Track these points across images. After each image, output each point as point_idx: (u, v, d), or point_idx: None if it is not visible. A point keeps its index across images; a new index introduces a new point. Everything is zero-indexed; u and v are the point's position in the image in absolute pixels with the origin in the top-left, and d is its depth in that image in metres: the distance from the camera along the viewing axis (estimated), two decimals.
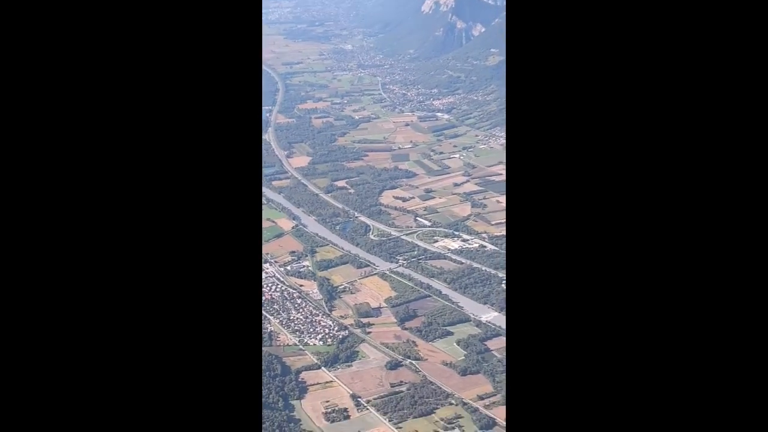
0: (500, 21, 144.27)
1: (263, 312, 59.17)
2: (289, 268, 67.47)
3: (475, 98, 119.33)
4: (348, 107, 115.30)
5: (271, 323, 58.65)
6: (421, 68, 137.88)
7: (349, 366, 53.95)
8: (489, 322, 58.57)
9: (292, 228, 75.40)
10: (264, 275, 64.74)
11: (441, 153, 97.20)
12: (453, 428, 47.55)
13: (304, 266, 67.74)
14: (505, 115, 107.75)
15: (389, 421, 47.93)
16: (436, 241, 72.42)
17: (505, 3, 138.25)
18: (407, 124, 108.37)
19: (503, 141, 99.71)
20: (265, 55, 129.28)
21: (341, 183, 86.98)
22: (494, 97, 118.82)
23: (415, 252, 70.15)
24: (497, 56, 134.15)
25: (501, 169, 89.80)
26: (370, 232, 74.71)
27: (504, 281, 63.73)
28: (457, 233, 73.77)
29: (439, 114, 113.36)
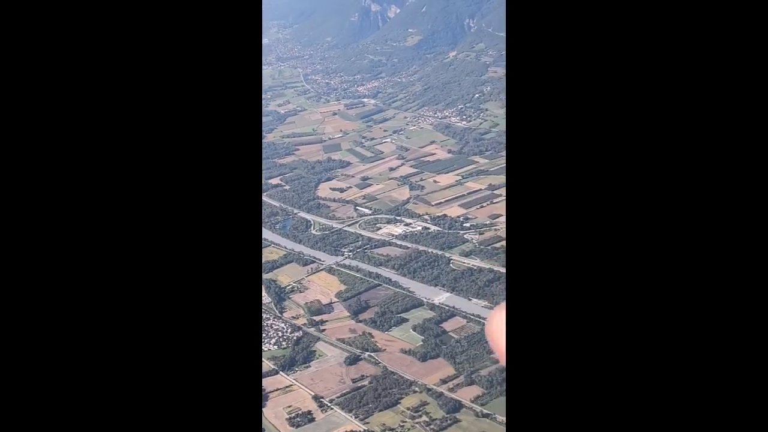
0: (414, 0, 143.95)
1: None
2: None
3: (399, 80, 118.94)
4: (272, 102, 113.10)
5: None
6: (341, 55, 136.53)
7: (307, 367, 52.77)
8: (442, 304, 58.27)
9: None
10: None
11: (372, 139, 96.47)
12: (420, 416, 47.15)
13: None
14: (432, 94, 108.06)
15: (355, 417, 47.16)
16: (379, 228, 71.73)
17: None
18: (335, 113, 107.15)
19: (432, 120, 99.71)
20: None
21: (275, 180, 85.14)
22: (418, 77, 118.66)
23: (360, 242, 69.28)
24: (416, 36, 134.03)
25: (434, 149, 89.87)
26: (312, 227, 73.42)
27: (450, 261, 63.62)
28: (399, 218, 73.26)
29: (365, 100, 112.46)
